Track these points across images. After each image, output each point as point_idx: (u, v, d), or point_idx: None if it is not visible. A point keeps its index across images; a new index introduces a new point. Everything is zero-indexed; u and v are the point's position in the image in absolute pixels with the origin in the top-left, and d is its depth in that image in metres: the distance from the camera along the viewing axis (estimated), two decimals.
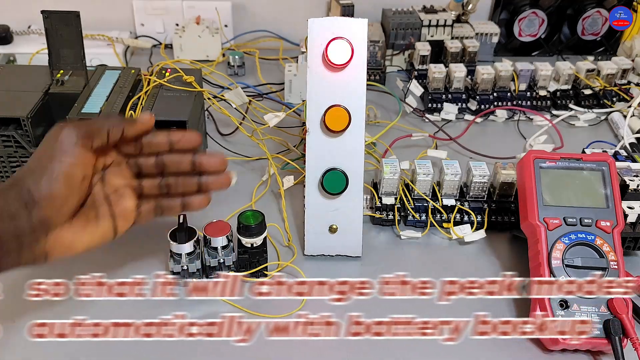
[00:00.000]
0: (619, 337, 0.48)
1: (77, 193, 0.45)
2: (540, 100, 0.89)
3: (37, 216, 0.42)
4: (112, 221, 0.48)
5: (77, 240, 0.46)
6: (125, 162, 0.49)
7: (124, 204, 0.49)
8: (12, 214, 0.42)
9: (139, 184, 0.50)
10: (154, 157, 0.49)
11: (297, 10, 1.05)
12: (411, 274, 0.57)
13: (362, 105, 0.55)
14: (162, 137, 0.48)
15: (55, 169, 0.43)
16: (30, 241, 0.43)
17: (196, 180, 0.50)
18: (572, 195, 0.55)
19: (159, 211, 0.51)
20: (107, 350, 0.50)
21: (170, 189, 0.50)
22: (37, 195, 0.42)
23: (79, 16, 0.67)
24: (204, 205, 0.51)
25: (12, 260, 0.42)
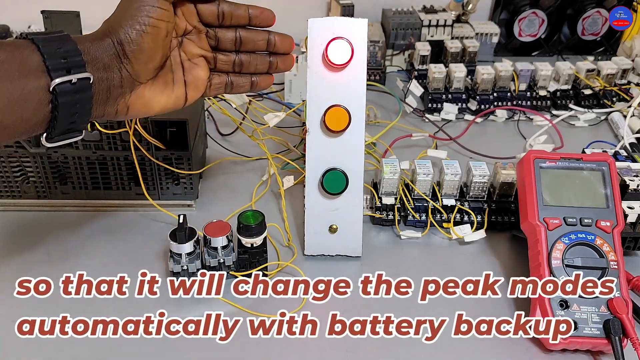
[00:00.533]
0: (619, 337, 0.48)
1: (162, 49, 0.46)
2: (540, 100, 0.89)
3: (127, 69, 0.44)
4: (184, 88, 0.49)
5: (155, 99, 0.47)
6: (205, 33, 0.50)
7: (197, 73, 0.50)
8: (105, 65, 0.43)
9: (215, 56, 0.51)
10: (233, 30, 0.51)
11: (297, 10, 1.05)
12: (411, 274, 0.58)
13: (362, 105, 0.55)
14: (243, 10, 0.50)
15: (143, 22, 0.44)
16: (117, 94, 0.45)
17: (268, 59, 0.52)
18: (572, 195, 0.55)
19: (229, 86, 0.52)
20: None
21: (242, 66, 0.52)
22: (128, 49, 0.44)
23: (79, 16, 0.67)
24: (269, 84, 0.54)
25: (99, 110, 0.44)
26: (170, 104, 0.49)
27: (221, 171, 0.73)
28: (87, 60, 0.42)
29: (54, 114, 0.41)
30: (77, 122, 0.43)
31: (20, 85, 0.39)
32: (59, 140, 0.44)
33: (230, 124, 0.79)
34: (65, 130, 0.43)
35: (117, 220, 0.64)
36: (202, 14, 0.49)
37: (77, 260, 0.59)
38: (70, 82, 0.41)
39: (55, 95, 0.40)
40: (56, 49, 0.41)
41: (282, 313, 0.53)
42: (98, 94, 0.43)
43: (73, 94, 0.41)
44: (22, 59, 0.40)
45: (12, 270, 0.57)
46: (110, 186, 0.65)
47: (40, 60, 0.40)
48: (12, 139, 0.41)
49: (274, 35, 0.52)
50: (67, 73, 0.40)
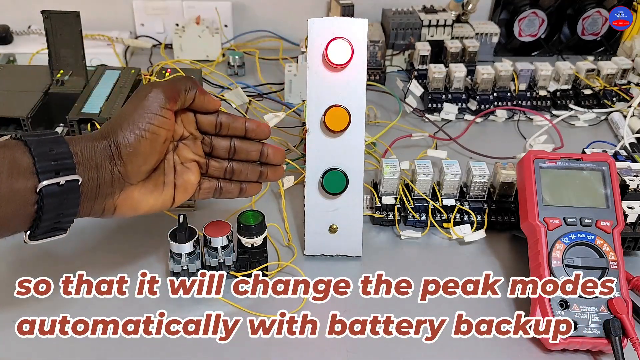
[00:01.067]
0: (619, 337, 0.48)
1: (157, 154, 0.47)
2: (540, 100, 0.89)
3: (119, 170, 0.45)
4: (173, 190, 0.50)
5: (143, 201, 0.48)
6: (201, 140, 0.52)
7: (189, 177, 0.51)
8: (97, 165, 0.44)
9: (207, 162, 0.53)
10: (228, 140, 0.52)
11: (297, 10, 1.05)
12: (411, 274, 0.58)
13: (362, 105, 0.55)
14: (240, 123, 0.52)
15: (144, 127, 0.45)
16: (106, 193, 0.45)
17: (259, 169, 0.54)
18: (572, 195, 0.55)
19: (217, 192, 0.54)
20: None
21: (233, 173, 0.54)
22: (123, 152, 0.45)
23: (79, 16, 0.67)
24: (257, 192, 0.56)
25: (86, 208, 0.45)
26: (158, 205, 0.49)
27: None
28: (78, 161, 0.43)
29: (38, 214, 0.42)
30: (61, 222, 0.44)
31: (8, 185, 0.39)
32: (42, 238, 0.44)
33: None
34: (49, 229, 0.43)
35: (117, 220, 0.64)
36: (200, 123, 0.51)
37: (77, 260, 0.59)
38: (58, 184, 0.41)
39: (42, 197, 0.41)
40: (47, 151, 0.41)
41: (282, 313, 0.53)
42: (86, 192, 0.44)
43: (60, 195, 0.42)
44: (12, 160, 0.40)
45: (12, 270, 0.57)
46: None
47: (30, 162, 0.41)
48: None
49: (267, 147, 0.54)
50: (55, 175, 0.41)
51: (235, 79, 0.94)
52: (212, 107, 0.51)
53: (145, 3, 1.03)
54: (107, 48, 0.97)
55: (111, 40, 0.98)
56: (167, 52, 1.04)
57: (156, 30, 1.05)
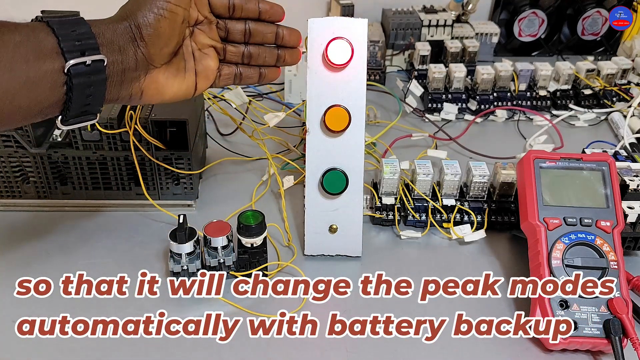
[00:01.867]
0: (619, 337, 0.48)
1: (177, 35, 0.47)
2: (540, 100, 0.89)
3: (142, 52, 0.45)
4: (195, 77, 0.50)
5: (168, 85, 0.48)
6: (215, 23, 0.51)
7: (208, 63, 0.51)
8: (120, 47, 0.44)
9: (224, 47, 0.52)
10: (242, 23, 0.52)
11: (297, 10, 1.05)
12: (411, 274, 0.58)
13: (362, 105, 0.55)
14: (253, 4, 0.51)
15: (162, 6, 0.45)
16: (132, 77, 0.45)
17: (276, 52, 0.54)
18: (572, 195, 0.55)
19: (237, 77, 0.53)
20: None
21: (251, 58, 0.53)
22: (145, 32, 0.45)
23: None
24: (276, 77, 0.55)
25: (113, 92, 0.45)
26: (182, 91, 0.50)
27: (221, 171, 0.73)
28: (101, 42, 0.43)
29: (68, 95, 0.42)
30: (91, 105, 0.44)
31: (36, 67, 0.40)
32: (74, 122, 0.44)
33: (230, 124, 0.79)
34: (79, 112, 0.43)
35: (117, 220, 0.64)
36: (213, 5, 0.50)
37: (77, 261, 0.59)
38: (85, 64, 0.41)
39: (70, 77, 0.41)
40: (70, 32, 0.41)
41: (282, 313, 0.53)
42: (112, 76, 0.44)
43: (87, 76, 0.42)
44: (37, 41, 0.40)
45: (12, 270, 0.57)
46: (110, 186, 0.65)
47: (55, 42, 0.41)
48: (27, 120, 0.42)
49: (282, 28, 0.53)
50: (81, 55, 0.41)
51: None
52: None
53: None
54: None
55: None
56: None
57: None
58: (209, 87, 0.52)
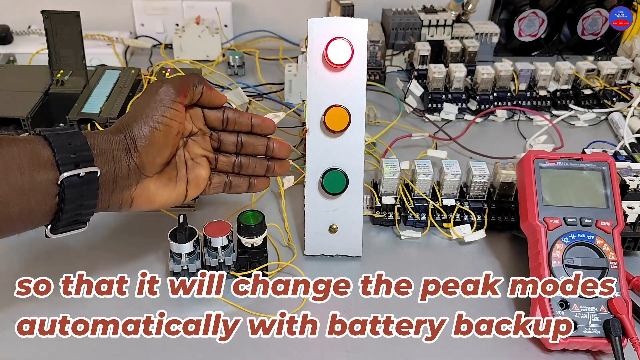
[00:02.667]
0: (619, 337, 0.48)
1: (170, 147, 0.49)
2: (540, 100, 0.89)
3: (135, 162, 0.46)
4: (186, 185, 0.52)
5: (158, 194, 0.49)
6: (209, 135, 0.53)
7: (199, 172, 0.53)
8: (114, 157, 0.46)
9: (216, 157, 0.54)
10: (235, 135, 0.54)
11: (297, 10, 1.05)
12: (411, 274, 0.58)
13: (362, 105, 0.55)
14: (246, 118, 0.54)
15: (157, 120, 0.47)
16: (123, 185, 0.47)
17: (266, 163, 0.56)
18: (572, 195, 0.55)
19: (227, 186, 0.55)
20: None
21: (241, 168, 0.55)
22: (139, 143, 0.46)
23: (79, 16, 0.67)
24: (265, 187, 0.57)
25: (104, 201, 0.46)
26: (172, 199, 0.51)
27: None
28: (95, 153, 0.44)
29: (60, 205, 0.43)
30: (82, 214, 0.45)
31: (30, 178, 0.41)
32: (63, 231, 0.45)
33: None
34: (70, 222, 0.44)
35: (117, 220, 0.64)
36: (208, 119, 0.53)
37: (77, 260, 0.59)
38: (78, 176, 0.42)
39: (63, 188, 0.42)
40: (66, 144, 0.43)
41: (282, 313, 0.53)
42: (104, 184, 0.45)
43: (80, 187, 0.43)
44: (33, 153, 0.41)
45: (12, 270, 0.57)
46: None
47: (50, 154, 0.42)
48: (16, 229, 0.43)
49: (272, 141, 0.55)
50: (75, 167, 0.42)
51: (235, 79, 0.94)
52: (219, 101, 0.53)
53: (145, 3, 1.03)
54: (107, 48, 0.97)
55: (111, 40, 0.98)
56: (167, 52, 1.04)
57: (156, 30, 1.05)
58: (199, 194, 0.53)
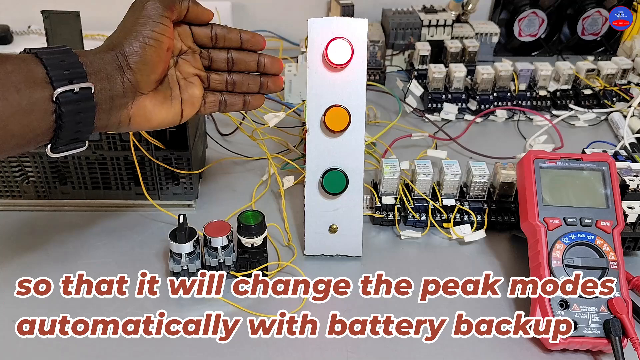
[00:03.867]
0: (619, 337, 0.48)
1: (163, 62, 0.49)
2: (540, 100, 0.89)
3: (129, 80, 0.46)
4: (181, 104, 0.52)
5: (155, 112, 0.49)
6: (199, 53, 0.53)
7: (193, 91, 0.53)
8: (108, 75, 0.45)
9: (208, 75, 0.54)
10: (225, 52, 0.54)
11: (297, 10, 1.05)
12: (411, 274, 0.58)
13: (362, 105, 0.55)
14: (235, 34, 0.53)
15: (147, 35, 0.47)
16: (120, 104, 0.47)
17: (259, 79, 0.56)
18: (572, 195, 0.55)
19: (222, 105, 0.55)
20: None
21: (235, 85, 0.55)
22: (131, 60, 0.46)
23: (79, 16, 0.67)
24: (260, 104, 0.57)
25: (102, 119, 0.46)
26: (169, 118, 0.51)
27: (221, 171, 0.73)
28: (89, 71, 0.44)
29: (58, 123, 0.43)
30: (81, 132, 0.45)
31: (27, 95, 0.41)
32: (64, 150, 0.45)
33: (230, 124, 0.79)
34: (69, 140, 0.45)
35: (117, 220, 0.64)
36: (196, 36, 0.53)
37: (77, 260, 0.59)
38: (73, 92, 0.42)
39: (59, 105, 0.42)
40: (59, 62, 0.43)
41: (282, 313, 0.53)
42: (101, 103, 0.45)
43: (76, 103, 0.43)
44: (27, 71, 0.41)
45: (12, 270, 0.57)
46: (110, 186, 0.65)
47: (44, 71, 0.42)
48: (19, 148, 0.43)
49: (264, 57, 0.55)
50: (69, 83, 0.42)
51: None
52: (206, 17, 0.52)
53: None
54: None
55: None
56: None
57: None
58: (195, 114, 0.54)
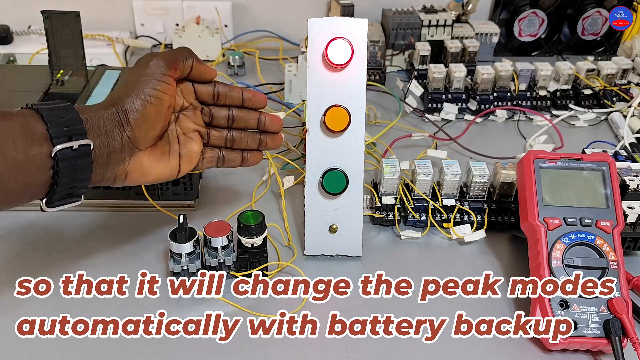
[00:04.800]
0: (619, 337, 0.48)
1: (162, 120, 0.49)
2: (540, 100, 0.89)
3: (128, 136, 0.47)
4: (179, 159, 0.52)
5: (152, 167, 0.50)
6: (200, 109, 0.54)
7: (192, 146, 0.53)
8: (107, 131, 0.46)
9: (208, 131, 0.55)
10: (226, 109, 0.54)
11: (297, 10, 1.05)
12: (411, 274, 0.58)
13: (362, 105, 0.55)
14: (237, 92, 0.54)
15: (149, 92, 0.47)
16: (117, 159, 0.47)
17: (258, 137, 0.56)
18: (572, 195, 0.55)
19: (220, 161, 0.56)
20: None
21: (234, 142, 0.56)
22: (131, 117, 0.47)
23: (79, 16, 0.67)
24: (258, 161, 0.58)
25: (99, 174, 0.46)
26: (166, 173, 0.52)
27: (221, 171, 0.73)
28: (89, 127, 0.44)
29: (54, 179, 0.43)
30: (76, 187, 0.45)
31: (24, 151, 0.41)
32: (59, 205, 0.45)
33: None
34: (65, 195, 0.45)
35: (117, 220, 0.64)
36: (199, 93, 0.53)
37: (77, 260, 0.59)
38: (72, 149, 0.43)
39: (57, 161, 0.42)
40: (59, 118, 0.43)
41: (282, 313, 0.53)
42: (98, 158, 0.45)
43: (74, 160, 0.43)
44: (27, 127, 0.42)
45: (12, 270, 0.57)
46: (110, 186, 0.64)
47: (43, 128, 0.42)
48: (13, 203, 0.43)
49: (264, 115, 0.56)
50: (68, 140, 0.43)
51: (235, 79, 0.94)
52: (209, 75, 0.53)
53: (145, 3, 1.03)
54: (107, 48, 0.97)
55: (111, 41, 0.98)
56: None
57: (156, 30, 1.05)
58: (192, 169, 0.54)
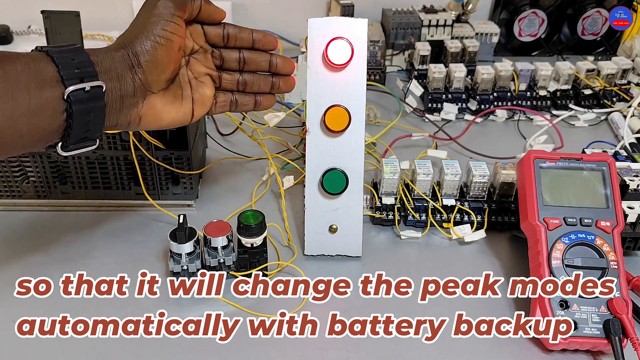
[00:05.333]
0: (619, 337, 0.48)
1: (173, 62, 0.48)
2: (540, 100, 0.89)
3: (140, 79, 0.46)
4: (191, 104, 0.51)
5: (165, 112, 0.49)
6: (210, 52, 0.53)
7: (204, 91, 0.52)
8: (119, 74, 0.45)
9: (220, 75, 0.54)
10: (237, 51, 0.53)
11: (297, 10, 1.05)
12: (411, 274, 0.58)
13: (362, 105, 0.55)
14: (247, 33, 0.53)
15: (158, 34, 0.46)
16: (130, 103, 0.46)
17: (270, 80, 0.55)
18: (572, 195, 0.55)
19: (233, 105, 0.55)
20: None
21: (246, 85, 0.55)
22: (142, 59, 0.46)
23: (79, 16, 0.67)
24: (272, 104, 0.57)
25: (112, 118, 0.46)
26: (179, 117, 0.51)
27: (221, 171, 0.73)
28: (100, 70, 0.44)
29: (68, 122, 0.43)
30: (91, 131, 0.44)
31: (37, 95, 0.41)
32: (74, 149, 0.45)
33: (230, 124, 0.79)
34: (79, 139, 0.44)
35: (117, 220, 0.64)
36: (208, 35, 0.52)
37: (77, 260, 0.59)
38: (84, 90, 0.42)
39: (70, 104, 0.42)
40: (70, 60, 0.42)
41: (282, 313, 0.53)
42: (111, 102, 0.45)
43: (86, 102, 0.43)
44: (37, 70, 0.41)
45: (12, 270, 0.57)
46: (110, 186, 0.65)
47: (54, 70, 0.42)
48: (28, 147, 0.42)
49: (275, 57, 0.54)
50: (80, 82, 0.42)
51: None
52: (218, 16, 0.52)
53: None
54: None
55: (111, 40, 0.97)
56: None
57: None
58: (206, 114, 0.53)
